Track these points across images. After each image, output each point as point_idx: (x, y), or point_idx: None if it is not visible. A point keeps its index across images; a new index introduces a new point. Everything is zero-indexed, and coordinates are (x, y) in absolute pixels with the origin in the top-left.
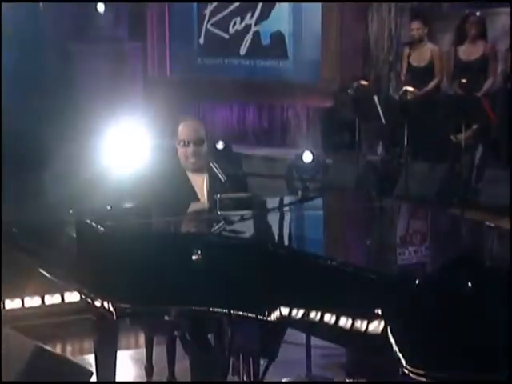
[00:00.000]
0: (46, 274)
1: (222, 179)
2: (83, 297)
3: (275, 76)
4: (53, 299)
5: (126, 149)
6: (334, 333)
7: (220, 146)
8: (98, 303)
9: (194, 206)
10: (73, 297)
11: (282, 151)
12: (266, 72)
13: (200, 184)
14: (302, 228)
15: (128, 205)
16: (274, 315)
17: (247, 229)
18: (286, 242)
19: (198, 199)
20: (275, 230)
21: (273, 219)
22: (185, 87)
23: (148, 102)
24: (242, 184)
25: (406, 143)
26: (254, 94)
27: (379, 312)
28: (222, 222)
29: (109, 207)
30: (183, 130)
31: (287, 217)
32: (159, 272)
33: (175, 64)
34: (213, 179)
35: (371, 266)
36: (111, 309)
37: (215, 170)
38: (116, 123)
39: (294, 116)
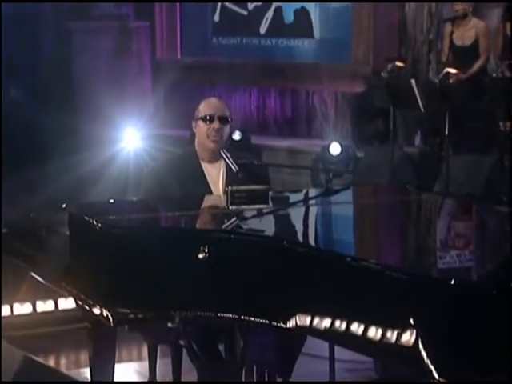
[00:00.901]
0: (37, 277)
1: (234, 169)
2: (76, 301)
3: (299, 57)
4: (45, 306)
5: (131, 138)
6: (360, 342)
7: (237, 136)
8: (92, 308)
9: (206, 200)
10: (68, 303)
11: (306, 143)
12: (288, 53)
13: (215, 176)
14: (326, 225)
15: (131, 198)
16: (293, 322)
17: (262, 226)
18: (307, 241)
19: (211, 192)
20: (295, 227)
21: (292, 215)
22: (197, 70)
23: (156, 87)
24: (261, 176)
25: (447, 133)
26: (276, 78)
27: (411, 320)
28: (234, 218)
29: (112, 200)
30: (206, 105)
31: (309, 212)
32: (162, 273)
33: (187, 44)
34: (229, 170)
35: (406, 269)
36: (107, 315)
37: (226, 158)
38: (120, 110)
39: (321, 103)
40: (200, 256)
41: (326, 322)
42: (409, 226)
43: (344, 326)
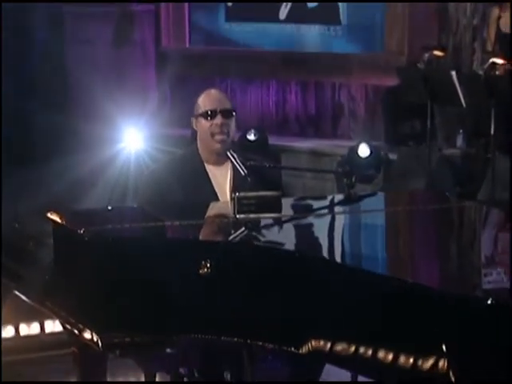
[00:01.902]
0: (21, 296)
1: (242, 173)
2: (62, 323)
3: (324, 46)
4: (30, 329)
5: (132, 139)
6: (388, 371)
7: (252, 136)
8: (79, 331)
9: (210, 208)
10: (56, 326)
11: (332, 143)
12: (312, 41)
13: (220, 180)
14: (346, 236)
15: (130, 205)
16: (309, 347)
17: (274, 237)
18: (325, 254)
19: (216, 198)
20: (310, 239)
21: (308, 225)
22: (208, 61)
23: (161, 81)
24: (273, 181)
25: (493, 132)
26: (297, 70)
27: (445, 346)
28: (242, 229)
29: (109, 207)
30: (206, 99)
31: (328, 222)
32: (160, 291)
33: (196, 31)
34: (237, 174)
35: (443, 288)
36: (96, 338)
37: (233, 160)
38: (120, 107)
39: (349, 98)
40: (201, 271)
41: (348, 348)
42: (448, 239)
43: (369, 352)
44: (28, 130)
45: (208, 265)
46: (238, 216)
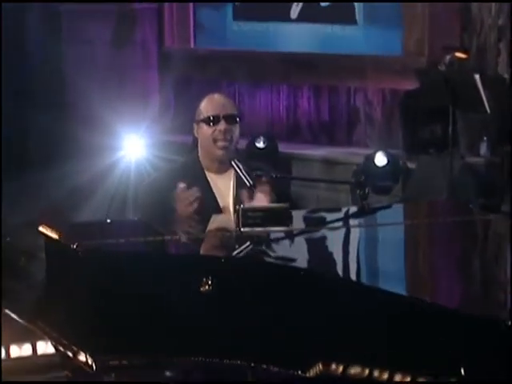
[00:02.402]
0: (12, 315)
1: (248, 183)
2: (53, 344)
3: (339, 48)
4: (21, 351)
5: (132, 146)
6: None
7: (261, 143)
8: (71, 353)
9: (212, 220)
10: (48, 347)
11: (346, 152)
12: (325, 42)
13: (223, 190)
14: (362, 252)
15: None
16: (319, 370)
17: (281, 252)
18: (338, 272)
19: (218, 210)
20: (321, 254)
21: (317, 239)
22: (214, 63)
23: (164, 84)
24: (281, 192)
25: None
26: (310, 74)
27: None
28: (247, 243)
29: (108, 220)
30: (208, 104)
31: (341, 236)
32: (157, 309)
33: (201, 31)
34: (242, 184)
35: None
36: (89, 360)
37: (238, 170)
38: (120, 112)
39: (365, 103)
40: (202, 289)
41: (362, 371)
42: (471, 254)
43: (385, 376)
44: (20, 138)
45: (209, 282)
46: (242, 229)
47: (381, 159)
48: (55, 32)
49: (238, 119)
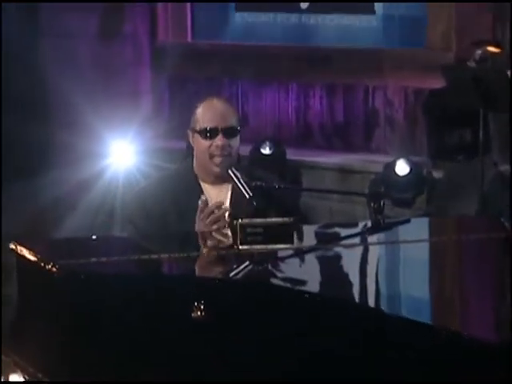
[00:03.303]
0: None
1: (247, 195)
2: (24, 376)
3: (355, 41)
4: None
5: (121, 153)
6: None
7: (267, 149)
8: None
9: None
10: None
11: (363, 159)
12: (340, 35)
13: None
14: (376, 273)
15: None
16: None
17: (284, 273)
18: (349, 295)
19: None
20: (331, 276)
21: (328, 258)
22: (215, 59)
23: (158, 83)
24: (285, 204)
25: None
26: (323, 70)
27: None
28: (246, 263)
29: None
30: (206, 112)
31: (353, 255)
32: (143, 338)
33: (200, 23)
34: (240, 196)
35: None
36: None
37: (236, 181)
38: (107, 115)
39: (384, 104)
40: (194, 315)
41: None
42: (504, 276)
43: None
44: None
45: (202, 307)
46: (240, 247)
47: (402, 167)
48: (31, 24)
49: (238, 130)
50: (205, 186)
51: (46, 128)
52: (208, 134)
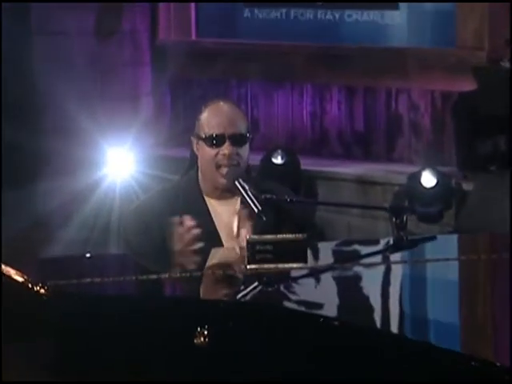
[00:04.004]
0: None
1: (256, 209)
2: None
3: (377, 39)
4: None
5: (118, 162)
6: None
7: (279, 159)
8: None
9: (212, 255)
10: None
11: (386, 169)
12: (359, 33)
13: (226, 217)
14: (397, 296)
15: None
16: None
17: (297, 296)
18: (370, 320)
19: (219, 243)
20: (348, 299)
21: (344, 279)
22: (221, 59)
23: (159, 84)
24: (298, 219)
25: None
26: (341, 71)
27: None
28: (255, 284)
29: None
30: (211, 117)
31: (371, 276)
32: (140, 367)
33: (205, 20)
34: (249, 210)
35: None
36: None
37: (243, 193)
38: (103, 120)
39: (409, 108)
40: (196, 341)
41: None
42: None
43: None
44: None
45: (206, 332)
46: (248, 267)
47: (429, 179)
48: (23, 22)
49: (248, 137)
50: (210, 202)
51: (35, 134)
52: (214, 142)
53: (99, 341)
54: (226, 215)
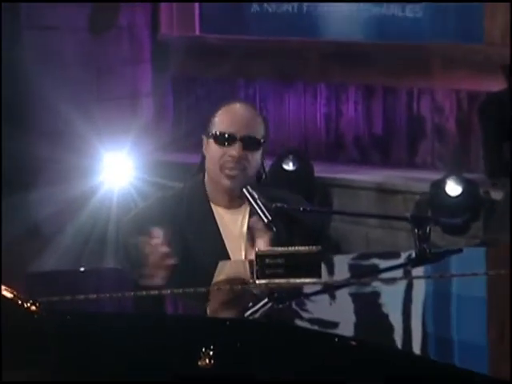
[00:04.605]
0: None
1: (265, 219)
2: None
3: (397, 35)
4: None
5: (115, 168)
6: None
7: (290, 165)
8: None
9: (219, 269)
10: None
11: (407, 176)
12: (378, 28)
13: (233, 228)
14: (425, 315)
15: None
16: None
17: (311, 314)
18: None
19: (226, 256)
20: (366, 317)
21: (366, 296)
22: (228, 56)
23: (160, 84)
24: (312, 230)
25: None
26: (358, 69)
27: None
28: (265, 300)
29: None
30: (225, 116)
31: (395, 292)
32: None
33: (210, 14)
34: (258, 220)
35: None
36: None
37: (251, 200)
38: (100, 122)
39: (432, 110)
40: (201, 363)
41: None
42: None
43: None
44: None
45: (211, 353)
46: (258, 282)
47: (454, 187)
48: (11, 16)
49: (261, 142)
50: (217, 210)
51: (25, 138)
52: (223, 141)
53: (95, 362)
54: (234, 225)
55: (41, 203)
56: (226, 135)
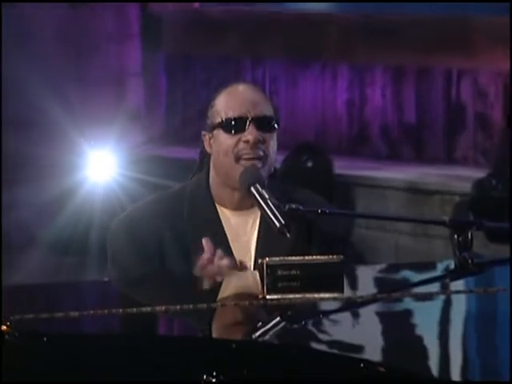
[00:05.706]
0: None
1: (277, 224)
2: None
3: (431, 6)
4: None
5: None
6: None
7: (305, 160)
8: None
9: (225, 282)
10: None
11: (445, 174)
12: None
13: (243, 234)
14: (469, 334)
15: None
16: None
17: (329, 335)
18: (425, 366)
19: (235, 266)
20: (396, 338)
21: (394, 314)
22: (232, 31)
23: (150, 66)
24: (332, 236)
25: None
26: (385, 47)
27: None
28: (277, 319)
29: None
30: (229, 99)
31: (431, 309)
32: None
33: None
34: (269, 225)
35: None
36: None
37: (260, 201)
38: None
39: (474, 95)
40: None
41: None
42: None
43: None
44: None
45: (214, 380)
46: (268, 297)
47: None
48: None
49: (275, 123)
50: (223, 211)
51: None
52: (234, 127)
53: None
54: (243, 229)
55: (19, 202)
56: (236, 119)
